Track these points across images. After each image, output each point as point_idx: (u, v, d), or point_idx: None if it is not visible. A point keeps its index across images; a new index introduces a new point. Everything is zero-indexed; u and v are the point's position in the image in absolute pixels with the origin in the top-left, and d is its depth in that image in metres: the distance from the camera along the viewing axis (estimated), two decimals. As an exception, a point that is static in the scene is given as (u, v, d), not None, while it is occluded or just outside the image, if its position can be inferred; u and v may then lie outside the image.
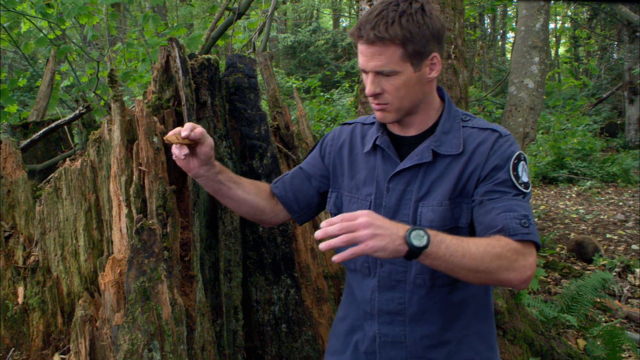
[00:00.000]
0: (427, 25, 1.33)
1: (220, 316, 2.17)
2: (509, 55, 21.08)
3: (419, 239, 1.18)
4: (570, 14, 15.94)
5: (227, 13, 4.50)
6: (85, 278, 2.03)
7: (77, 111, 2.85)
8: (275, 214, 1.65)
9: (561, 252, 5.77)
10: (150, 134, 1.96)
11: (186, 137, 1.38)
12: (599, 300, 4.12)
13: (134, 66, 4.86)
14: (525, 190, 1.38)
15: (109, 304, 1.79)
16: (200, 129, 1.39)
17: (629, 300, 4.48)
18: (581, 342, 3.48)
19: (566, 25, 17.34)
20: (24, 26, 4.39)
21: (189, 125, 1.39)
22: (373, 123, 1.56)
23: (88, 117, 3.12)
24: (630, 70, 12.31)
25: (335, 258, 1.19)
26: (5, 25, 4.22)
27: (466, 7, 7.30)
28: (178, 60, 2.06)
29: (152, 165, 1.92)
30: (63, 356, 1.98)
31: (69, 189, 2.05)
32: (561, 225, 6.95)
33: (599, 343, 3.41)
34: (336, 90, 14.07)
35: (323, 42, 19.99)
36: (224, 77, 2.41)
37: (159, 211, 1.89)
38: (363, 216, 1.17)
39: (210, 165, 1.47)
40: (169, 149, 2.08)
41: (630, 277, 4.92)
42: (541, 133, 11.95)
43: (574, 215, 7.42)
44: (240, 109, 2.40)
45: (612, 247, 5.87)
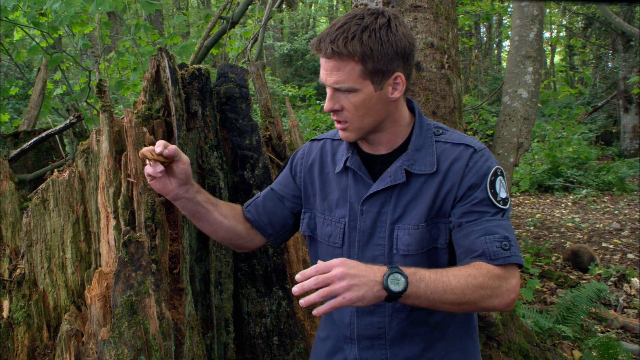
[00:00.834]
0: (391, 43, 1.25)
1: (211, 329, 2.14)
2: (504, 64, 21.17)
3: (396, 283, 1.15)
4: (565, 23, 16.03)
5: (221, 22, 4.49)
6: (72, 291, 2.00)
7: (68, 120, 2.83)
8: (251, 238, 1.58)
9: (557, 261, 5.75)
10: (139, 144, 1.93)
11: (160, 154, 1.31)
12: (594, 310, 4.10)
13: (128, 75, 4.84)
14: (503, 207, 1.33)
15: (95, 318, 1.75)
16: (173, 147, 1.33)
17: (625, 310, 4.46)
18: (577, 354, 3.45)
19: (561, 34, 17.44)
20: (17, 35, 4.37)
21: (161, 142, 1.32)
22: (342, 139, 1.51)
23: (80, 127, 3.10)
24: (625, 79, 12.36)
25: (315, 312, 1.16)
26: (-2, 34, 4.20)
27: (461, 16, 7.33)
28: (167, 70, 2.04)
29: (141, 177, 1.89)
30: (49, 371, 1.95)
31: (56, 201, 2.02)
32: (557, 234, 6.94)
33: (594, 354, 3.38)
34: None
35: (319, 51, 19.97)
36: (215, 87, 2.39)
37: (148, 223, 1.86)
38: (337, 267, 1.14)
39: (189, 185, 1.40)
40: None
41: (626, 287, 4.91)
42: (537, 141, 11.97)
43: (570, 224, 7.41)
44: (231, 119, 2.38)
45: (608, 256, 5.86)
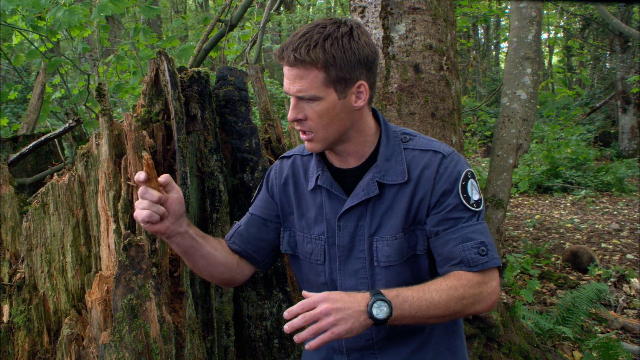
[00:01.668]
0: (354, 51, 1.26)
1: (211, 332, 2.14)
2: (502, 65, 21.20)
3: (380, 310, 1.18)
4: (562, 24, 16.06)
5: (220, 25, 4.49)
6: (72, 295, 2.00)
7: (67, 124, 2.82)
8: (241, 270, 1.50)
9: (556, 262, 5.76)
10: (139, 148, 1.93)
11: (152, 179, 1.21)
12: (594, 311, 4.10)
13: (126, 78, 4.84)
14: (477, 209, 1.35)
15: (96, 322, 1.75)
16: (166, 175, 1.27)
17: (625, 310, 4.46)
18: (577, 355, 3.46)
19: (559, 35, 17.47)
20: (15, 39, 4.37)
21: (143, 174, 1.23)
22: (311, 154, 1.49)
23: (79, 130, 3.10)
24: (623, 80, 12.38)
25: (307, 347, 1.18)
26: (-4, 38, 4.20)
27: (459, 18, 7.34)
28: (167, 74, 2.04)
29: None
30: (49, 375, 1.94)
31: (56, 205, 2.02)
32: (556, 235, 6.94)
33: (595, 355, 3.38)
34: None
35: (317, 53, 19.97)
36: (214, 90, 2.39)
37: (148, 227, 1.86)
38: (322, 303, 1.17)
39: (183, 218, 1.31)
40: (157, 163, 2.06)
41: (626, 287, 4.91)
42: (535, 142, 11.98)
43: (569, 225, 7.42)
44: (230, 122, 2.38)
45: (607, 257, 5.86)
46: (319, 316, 1.15)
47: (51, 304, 1.99)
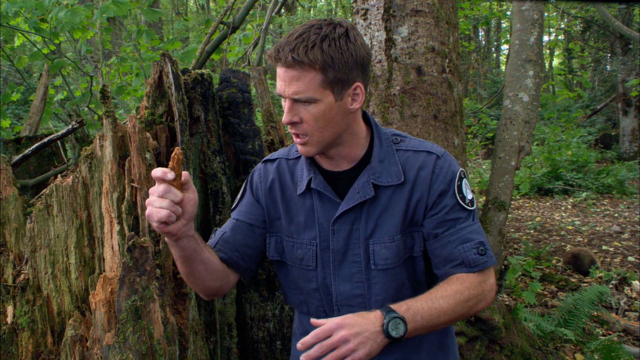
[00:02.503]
0: (351, 52, 1.24)
1: (214, 334, 2.14)
2: (503, 67, 21.22)
3: (396, 329, 1.18)
4: (563, 26, 16.07)
5: (222, 27, 4.50)
6: (76, 296, 2.00)
7: (70, 126, 2.83)
8: (227, 278, 1.42)
9: (557, 265, 5.75)
10: (143, 150, 1.94)
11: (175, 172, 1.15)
12: (596, 313, 4.10)
13: (129, 80, 4.85)
14: (472, 208, 1.37)
15: (100, 324, 1.76)
16: (186, 173, 1.20)
17: (626, 313, 4.46)
18: (579, 357, 3.45)
19: (560, 37, 17.49)
20: (18, 41, 4.38)
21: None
22: (297, 158, 1.45)
23: (81, 132, 3.10)
24: (623, 82, 12.39)
25: None
26: (-1, 39, 4.21)
27: (461, 21, 7.35)
28: (171, 76, 2.05)
29: (145, 182, 1.90)
30: (53, 376, 1.95)
31: (60, 206, 2.03)
32: (557, 237, 6.94)
33: (596, 358, 3.38)
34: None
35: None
36: (217, 92, 2.40)
37: (152, 228, 1.87)
38: (338, 330, 1.15)
39: (191, 221, 1.23)
40: (161, 165, 2.07)
41: (627, 290, 4.91)
42: (536, 145, 11.98)
43: (570, 227, 7.42)
44: (234, 123, 2.38)
45: (609, 259, 5.86)
46: (337, 344, 1.14)
47: (55, 305, 1.99)
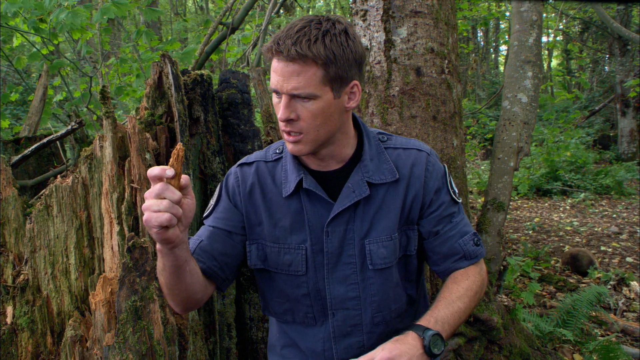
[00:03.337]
0: (351, 49, 1.21)
1: (214, 334, 2.14)
2: (502, 68, 21.25)
3: (437, 346, 1.22)
4: (562, 27, 16.11)
5: (221, 27, 4.50)
6: (76, 297, 2.00)
7: (70, 126, 2.83)
8: (207, 289, 1.34)
9: (556, 265, 5.76)
10: (143, 150, 1.94)
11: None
12: (594, 314, 4.10)
13: (128, 81, 4.85)
14: (460, 201, 1.43)
15: (100, 324, 1.76)
16: (186, 176, 1.13)
17: (625, 313, 4.46)
18: (577, 357, 3.46)
19: (558, 38, 17.51)
20: (16, 41, 4.38)
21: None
22: (277, 160, 1.40)
23: (80, 132, 3.11)
24: (622, 83, 12.41)
25: None
26: (-2, 40, 4.21)
27: (460, 22, 7.36)
28: (171, 77, 2.05)
29: (144, 182, 1.90)
30: (52, 377, 1.95)
31: (59, 206, 2.03)
32: (555, 238, 6.95)
33: (595, 358, 3.39)
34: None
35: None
36: (217, 93, 2.40)
37: (151, 229, 1.87)
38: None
39: (187, 228, 1.16)
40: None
41: (626, 290, 4.91)
42: (534, 145, 11.99)
43: (568, 228, 7.42)
44: (233, 124, 2.39)
45: (607, 260, 5.87)
46: None
47: (55, 305, 1.99)
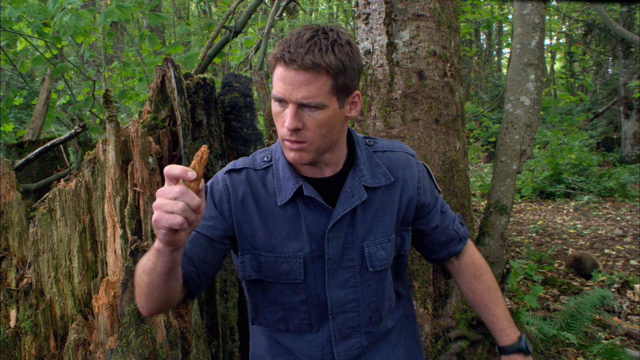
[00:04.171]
0: (355, 59, 1.22)
1: (217, 337, 2.14)
2: (504, 71, 21.23)
3: (528, 343, 1.43)
4: (565, 30, 16.09)
5: (224, 31, 4.51)
6: (79, 300, 2.00)
7: (73, 130, 2.84)
8: (181, 294, 1.29)
9: (559, 268, 5.74)
10: (146, 154, 1.95)
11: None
12: (598, 317, 4.09)
13: (131, 84, 4.87)
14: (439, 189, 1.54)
15: (103, 327, 1.76)
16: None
17: (629, 316, 4.44)
18: (581, 361, 3.45)
19: (561, 41, 17.50)
20: (20, 45, 4.40)
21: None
22: (266, 168, 1.37)
23: (84, 136, 3.11)
24: (625, 85, 12.39)
25: None
26: (2, 44, 4.22)
27: (462, 25, 7.36)
28: (173, 80, 2.06)
29: (147, 186, 1.91)
30: (56, 380, 1.95)
31: (63, 210, 2.03)
32: (559, 241, 6.93)
33: (599, 361, 3.37)
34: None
35: (320, 58, 20.02)
36: (219, 97, 2.41)
37: (154, 232, 1.87)
38: None
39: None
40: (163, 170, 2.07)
41: (630, 294, 4.89)
42: (538, 148, 11.98)
43: (572, 231, 7.40)
44: (236, 128, 2.39)
45: (611, 263, 5.85)
46: None
47: (58, 309, 2.00)
